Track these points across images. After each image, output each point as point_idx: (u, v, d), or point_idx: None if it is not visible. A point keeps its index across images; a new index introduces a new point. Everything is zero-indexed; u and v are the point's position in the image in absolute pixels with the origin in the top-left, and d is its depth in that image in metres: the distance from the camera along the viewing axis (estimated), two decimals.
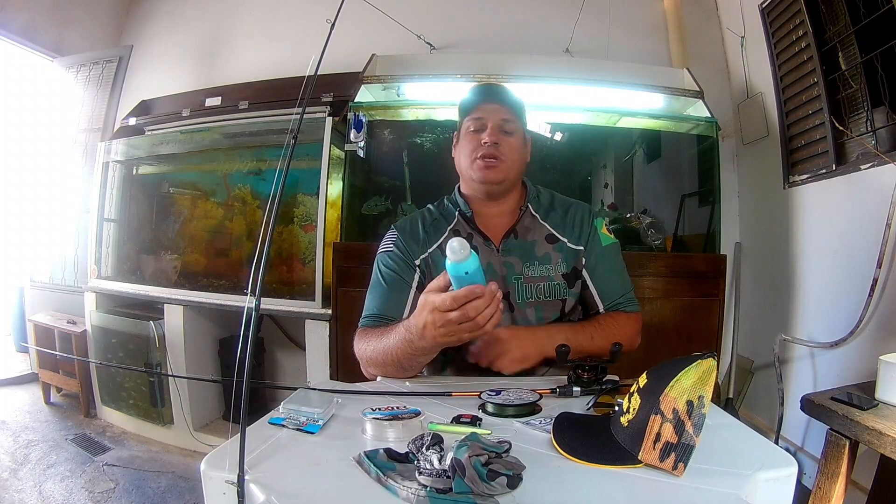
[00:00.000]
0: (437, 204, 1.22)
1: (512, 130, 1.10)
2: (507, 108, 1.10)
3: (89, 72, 3.20)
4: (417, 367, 0.96)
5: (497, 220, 1.14)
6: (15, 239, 3.62)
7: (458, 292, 0.75)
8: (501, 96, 1.12)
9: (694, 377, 0.57)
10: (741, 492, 0.54)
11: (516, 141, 1.11)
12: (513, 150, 1.10)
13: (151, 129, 2.77)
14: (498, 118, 1.09)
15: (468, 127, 1.12)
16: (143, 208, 2.84)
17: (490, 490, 0.51)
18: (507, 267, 1.09)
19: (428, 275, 1.10)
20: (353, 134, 2.11)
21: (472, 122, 1.11)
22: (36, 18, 2.98)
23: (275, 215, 0.72)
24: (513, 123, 1.10)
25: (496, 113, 1.09)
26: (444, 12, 2.73)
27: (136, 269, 2.72)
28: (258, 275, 0.68)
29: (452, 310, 0.75)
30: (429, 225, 1.16)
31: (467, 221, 1.14)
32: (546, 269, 1.09)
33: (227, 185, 2.61)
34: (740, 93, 2.48)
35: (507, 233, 1.12)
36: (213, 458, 0.60)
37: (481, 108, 1.10)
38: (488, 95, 1.12)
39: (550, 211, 1.16)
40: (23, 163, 3.43)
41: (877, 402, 1.12)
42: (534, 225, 1.13)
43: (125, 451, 2.38)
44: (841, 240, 1.85)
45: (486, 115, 1.09)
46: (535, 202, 1.16)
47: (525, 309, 1.08)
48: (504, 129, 1.09)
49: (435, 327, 0.79)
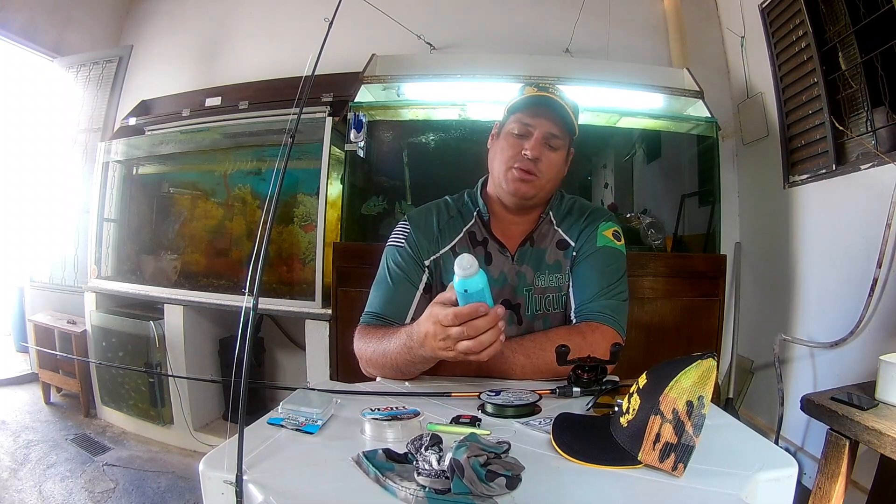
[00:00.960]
0: (455, 198, 1.16)
1: (557, 147, 1.04)
2: (558, 122, 1.03)
3: (89, 72, 3.20)
4: (416, 373, 0.95)
5: (515, 227, 1.10)
6: (15, 239, 3.62)
7: (460, 309, 0.74)
8: (556, 110, 1.03)
9: (694, 377, 0.57)
10: (741, 492, 0.54)
11: (558, 158, 1.05)
12: (551, 168, 1.04)
13: (151, 129, 2.77)
14: (546, 130, 1.02)
15: (512, 128, 1.05)
16: (143, 208, 2.84)
17: (489, 491, 0.51)
18: (520, 277, 1.06)
19: (437, 277, 1.07)
20: (353, 134, 2.10)
21: (518, 125, 1.04)
22: (36, 18, 2.98)
23: (272, 215, 0.72)
24: (560, 140, 1.04)
25: (545, 125, 1.02)
26: (444, 12, 2.73)
27: (136, 269, 2.72)
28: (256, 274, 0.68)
29: (454, 325, 0.74)
30: (444, 222, 1.11)
31: (484, 225, 1.10)
32: (556, 279, 1.06)
33: (227, 185, 2.61)
34: (740, 93, 2.47)
35: (524, 240, 1.08)
36: (212, 459, 0.60)
37: (533, 113, 1.03)
38: (544, 104, 1.03)
39: (567, 216, 1.11)
40: (23, 163, 3.43)
41: (877, 402, 1.12)
42: (549, 231, 1.09)
43: (125, 451, 2.37)
44: (841, 240, 1.85)
45: (535, 123, 1.02)
46: (556, 208, 1.12)
47: (533, 322, 1.06)
48: (549, 144, 1.03)
49: (435, 339, 0.78)
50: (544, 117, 1.03)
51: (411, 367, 0.91)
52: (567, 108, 1.03)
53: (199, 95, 2.71)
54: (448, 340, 0.76)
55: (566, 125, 1.04)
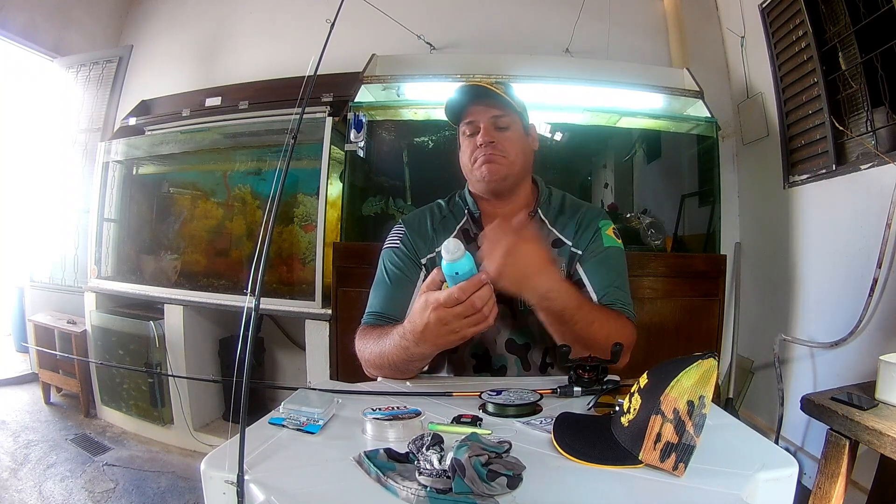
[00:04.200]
0: (447, 200, 1.19)
1: (507, 125, 1.07)
2: (496, 105, 1.06)
3: (89, 72, 3.20)
4: (414, 371, 0.95)
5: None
6: (15, 239, 3.62)
7: (465, 283, 0.75)
8: (487, 95, 1.07)
9: (695, 377, 0.57)
10: (742, 492, 0.54)
11: (514, 134, 1.07)
12: (512, 145, 1.06)
13: (151, 129, 2.77)
14: (488, 117, 1.06)
15: (463, 131, 1.10)
16: (143, 208, 2.84)
17: (490, 490, 0.51)
18: None
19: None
20: (353, 134, 2.11)
21: (466, 126, 1.09)
22: (36, 18, 2.98)
23: (274, 215, 0.72)
24: (506, 118, 1.07)
25: (485, 112, 1.06)
26: (444, 12, 2.73)
27: (136, 269, 2.72)
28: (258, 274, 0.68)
29: (460, 302, 0.75)
30: (437, 222, 1.13)
31: (475, 222, 1.12)
32: None
33: (227, 185, 2.61)
34: (740, 93, 2.48)
35: None
36: (213, 458, 0.60)
37: (471, 111, 1.08)
38: (474, 97, 1.08)
39: (560, 215, 1.12)
40: (23, 163, 3.43)
41: (877, 402, 1.12)
42: (542, 231, 1.10)
43: (125, 451, 2.37)
44: (841, 240, 1.85)
45: (476, 116, 1.07)
46: (545, 206, 1.13)
47: (527, 315, 1.05)
48: (498, 126, 1.06)
49: (439, 325, 0.78)
50: (480, 108, 1.06)
51: (408, 366, 0.92)
52: (493, 88, 1.06)
53: (199, 95, 2.71)
54: (455, 322, 0.77)
55: (503, 102, 1.06)
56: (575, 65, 2.42)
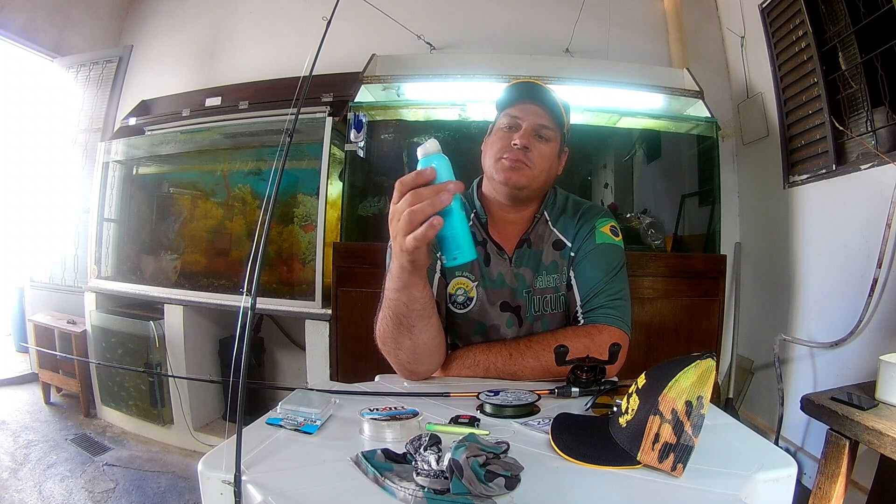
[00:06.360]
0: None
1: (548, 137, 1.02)
2: (547, 113, 1.02)
3: (89, 72, 3.20)
4: (415, 314, 0.87)
5: (512, 227, 1.08)
6: (15, 239, 3.63)
7: (405, 177, 0.72)
8: (544, 99, 1.02)
9: (693, 378, 0.57)
10: (741, 493, 0.53)
11: (549, 150, 1.02)
12: (543, 159, 1.01)
13: (151, 129, 2.77)
14: (535, 121, 1.01)
15: (502, 123, 1.04)
16: (143, 208, 2.84)
17: (488, 491, 0.51)
18: (519, 279, 1.05)
19: (440, 266, 1.04)
20: (353, 134, 2.11)
21: (507, 118, 1.03)
22: (36, 18, 2.99)
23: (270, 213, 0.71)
24: (550, 131, 1.02)
25: (535, 116, 1.01)
26: (444, 12, 2.74)
27: (136, 269, 2.72)
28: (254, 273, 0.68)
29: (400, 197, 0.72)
30: None
31: (482, 227, 1.08)
32: (554, 280, 1.05)
33: (227, 185, 2.61)
34: (740, 93, 2.47)
35: (521, 242, 1.06)
36: (211, 459, 0.60)
37: (520, 107, 1.02)
38: (531, 95, 1.02)
39: (561, 215, 1.09)
40: (23, 163, 3.43)
41: (877, 402, 1.12)
42: (545, 232, 1.07)
43: (125, 451, 2.38)
44: (841, 240, 1.85)
45: (524, 115, 1.01)
46: (550, 207, 1.10)
47: (533, 323, 1.05)
48: (539, 135, 1.01)
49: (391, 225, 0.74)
50: (532, 110, 1.02)
51: (405, 309, 0.86)
52: (556, 100, 1.03)
53: (198, 95, 2.71)
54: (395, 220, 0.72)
55: (556, 116, 1.03)
56: (575, 65, 2.42)
